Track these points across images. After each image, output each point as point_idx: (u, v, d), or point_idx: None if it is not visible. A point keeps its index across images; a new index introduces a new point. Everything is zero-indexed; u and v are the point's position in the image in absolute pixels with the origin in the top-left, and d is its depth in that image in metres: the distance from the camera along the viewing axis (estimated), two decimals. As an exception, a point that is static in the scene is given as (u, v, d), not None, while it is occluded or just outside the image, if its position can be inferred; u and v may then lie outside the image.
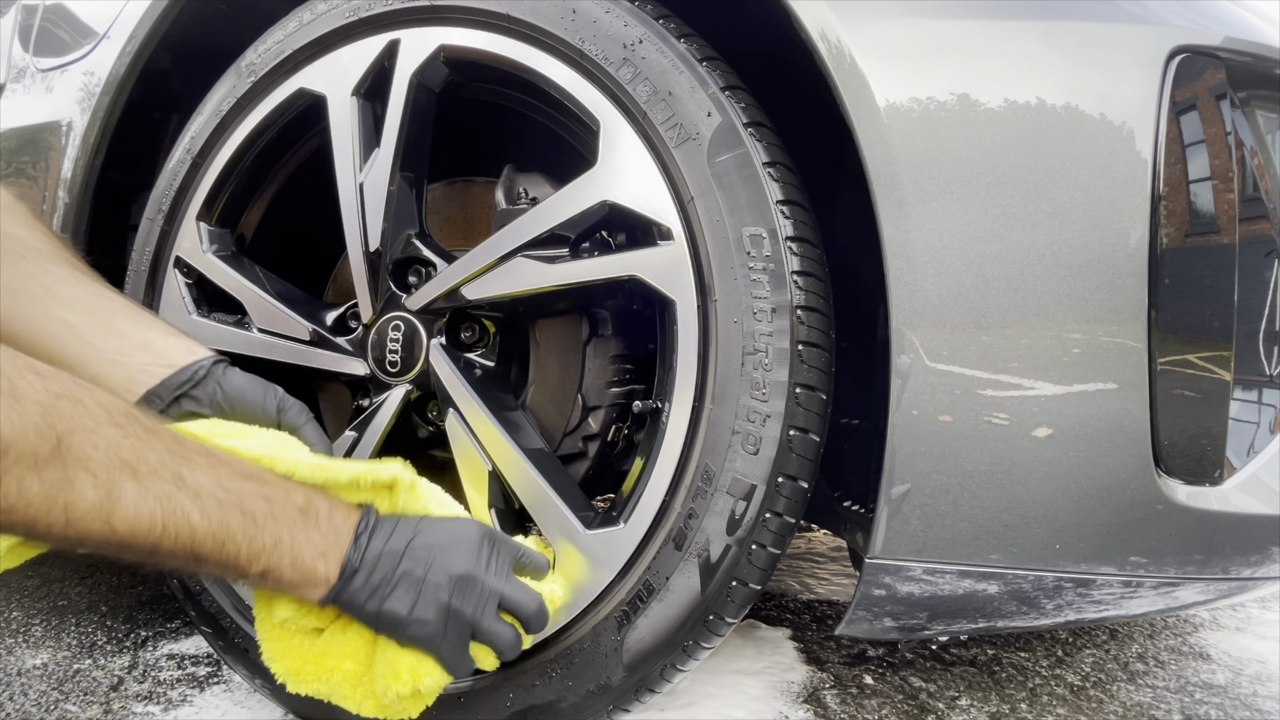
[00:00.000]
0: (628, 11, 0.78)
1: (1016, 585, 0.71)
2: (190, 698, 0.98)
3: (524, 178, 0.94)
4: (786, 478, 0.71)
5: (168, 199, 0.99)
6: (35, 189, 1.12)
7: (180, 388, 0.73)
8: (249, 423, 0.75)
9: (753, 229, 0.72)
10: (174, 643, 1.16)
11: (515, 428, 0.84)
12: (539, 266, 0.80)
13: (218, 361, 0.77)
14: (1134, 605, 0.76)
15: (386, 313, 0.89)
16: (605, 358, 0.92)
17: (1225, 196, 0.69)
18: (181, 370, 0.74)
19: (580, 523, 0.77)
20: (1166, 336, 0.68)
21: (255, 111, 0.96)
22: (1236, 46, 0.70)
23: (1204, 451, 0.70)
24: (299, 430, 0.76)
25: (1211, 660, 1.23)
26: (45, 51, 1.18)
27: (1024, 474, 0.68)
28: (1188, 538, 0.70)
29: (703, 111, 0.74)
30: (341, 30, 0.90)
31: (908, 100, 0.69)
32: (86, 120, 1.07)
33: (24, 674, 1.03)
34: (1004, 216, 0.67)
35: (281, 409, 0.76)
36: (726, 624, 0.75)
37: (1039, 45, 0.68)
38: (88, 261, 0.79)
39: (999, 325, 0.68)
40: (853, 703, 1.01)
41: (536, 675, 0.78)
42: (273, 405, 0.76)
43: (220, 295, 0.98)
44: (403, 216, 0.89)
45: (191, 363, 0.75)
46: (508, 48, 0.82)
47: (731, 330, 0.72)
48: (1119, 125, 0.67)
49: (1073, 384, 0.67)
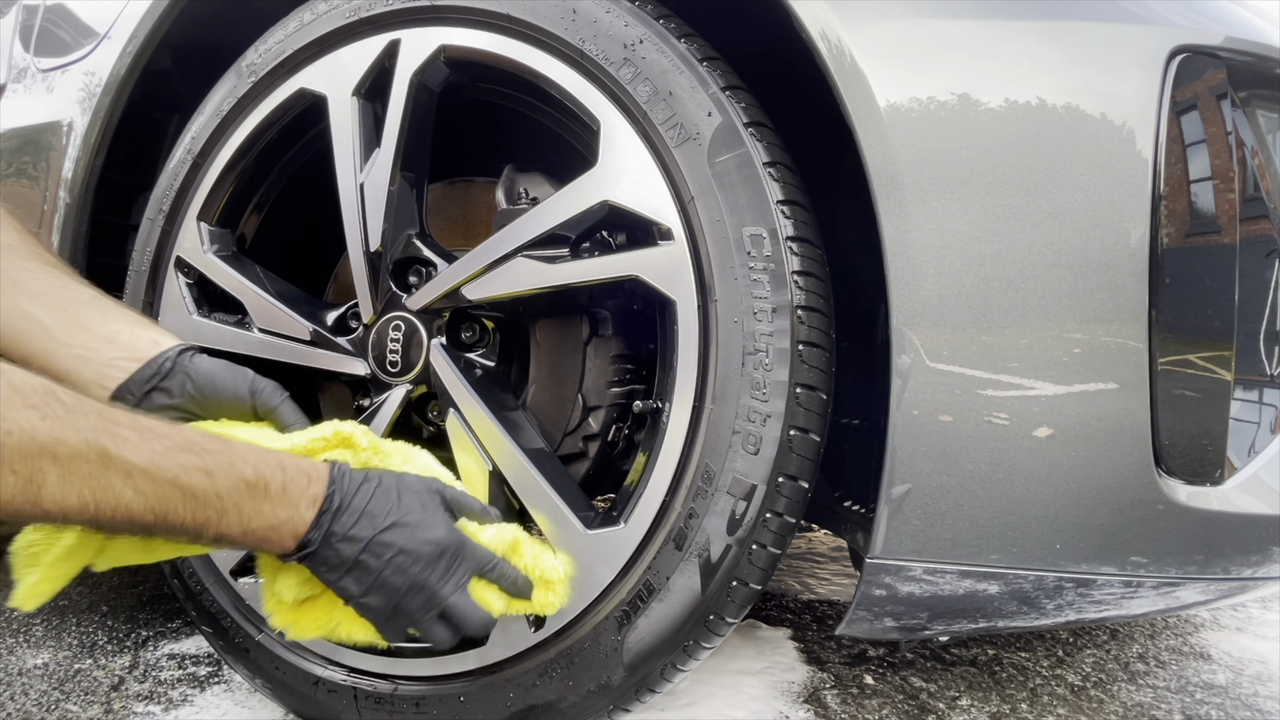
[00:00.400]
0: (628, 11, 0.78)
1: (1017, 585, 0.71)
2: (191, 697, 0.98)
3: (524, 178, 0.94)
4: (787, 477, 0.71)
5: (168, 199, 0.99)
6: (36, 189, 1.12)
7: (149, 381, 0.72)
8: (224, 408, 0.73)
9: (753, 229, 0.72)
10: (175, 642, 1.16)
11: (516, 427, 0.84)
12: (539, 266, 0.80)
13: (185, 350, 0.75)
14: (1135, 605, 0.76)
15: (387, 313, 0.89)
16: (606, 358, 0.92)
17: (1226, 196, 0.69)
18: (148, 364, 0.72)
19: (581, 523, 0.77)
20: (1167, 336, 0.68)
21: (256, 112, 0.96)
22: (1237, 46, 0.70)
23: (1205, 451, 0.70)
24: (275, 410, 0.74)
25: (1212, 660, 1.23)
26: (46, 52, 1.18)
27: (1024, 474, 0.68)
28: (1188, 538, 0.70)
29: (703, 111, 0.74)
30: (342, 30, 0.90)
31: (908, 100, 0.69)
32: (87, 120, 1.07)
33: (25, 674, 1.03)
34: (1004, 216, 0.67)
35: (255, 390, 0.74)
36: (727, 624, 0.75)
37: (1039, 45, 0.68)
38: (90, 262, 0.79)
39: (999, 325, 0.68)
40: (853, 703, 1.01)
41: (537, 675, 0.78)
42: (245, 388, 0.74)
43: (221, 295, 0.98)
44: (403, 216, 0.89)
45: (157, 355, 0.73)
46: (508, 48, 0.82)
47: (732, 330, 0.72)
48: (1119, 125, 0.67)
49: (1073, 384, 0.67)
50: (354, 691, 0.86)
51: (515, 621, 0.80)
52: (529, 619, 0.79)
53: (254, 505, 0.59)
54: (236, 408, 0.74)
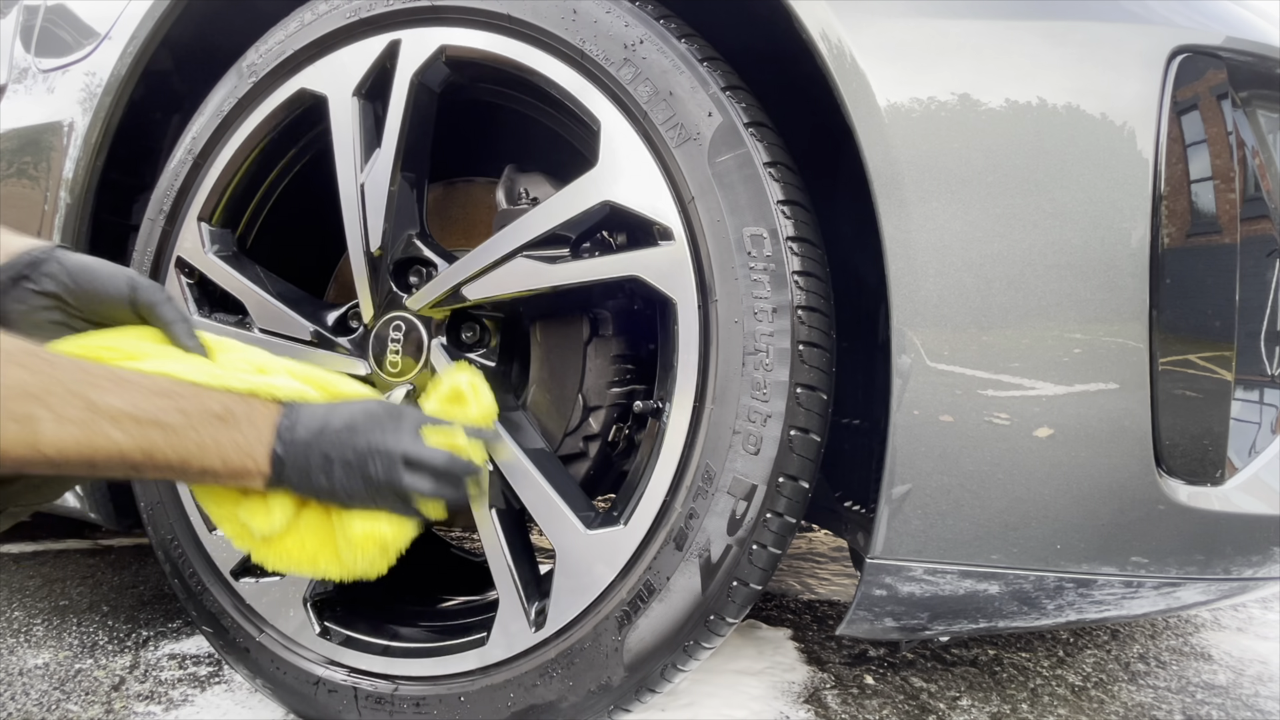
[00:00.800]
0: (628, 12, 0.78)
1: (1017, 585, 0.71)
2: (191, 697, 0.98)
3: (525, 178, 0.94)
4: (787, 478, 0.71)
5: (169, 199, 0.99)
6: (37, 189, 1.12)
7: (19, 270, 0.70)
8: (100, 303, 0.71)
9: (753, 229, 0.72)
10: (175, 642, 1.16)
11: (516, 427, 0.84)
12: (540, 266, 0.80)
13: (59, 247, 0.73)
14: (1135, 605, 0.76)
15: (387, 313, 0.89)
16: (606, 358, 0.92)
17: (1226, 196, 0.69)
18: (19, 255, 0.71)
19: (581, 523, 0.77)
20: (1168, 336, 0.68)
21: (256, 112, 0.96)
22: (1238, 46, 0.69)
23: (1205, 452, 0.70)
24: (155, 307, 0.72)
25: (1213, 661, 1.23)
26: (47, 52, 1.18)
27: (1025, 474, 0.68)
28: (1189, 538, 0.70)
29: (703, 111, 0.74)
30: (343, 31, 0.90)
31: (908, 100, 0.69)
32: (88, 121, 1.07)
33: (26, 674, 1.03)
34: (1005, 216, 0.67)
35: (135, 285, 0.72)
36: (727, 624, 0.75)
37: (1039, 45, 0.68)
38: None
39: (1000, 325, 0.67)
40: (854, 703, 1.01)
41: (537, 675, 0.78)
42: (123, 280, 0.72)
43: (222, 296, 0.98)
44: (404, 217, 0.89)
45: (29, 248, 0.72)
46: (508, 48, 0.82)
47: (732, 330, 0.72)
48: (1120, 125, 0.67)
49: (1074, 384, 0.67)
50: (354, 691, 0.86)
51: (516, 621, 0.80)
52: (530, 619, 0.79)
53: (228, 435, 0.64)
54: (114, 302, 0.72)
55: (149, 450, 0.60)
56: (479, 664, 0.81)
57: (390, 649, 0.88)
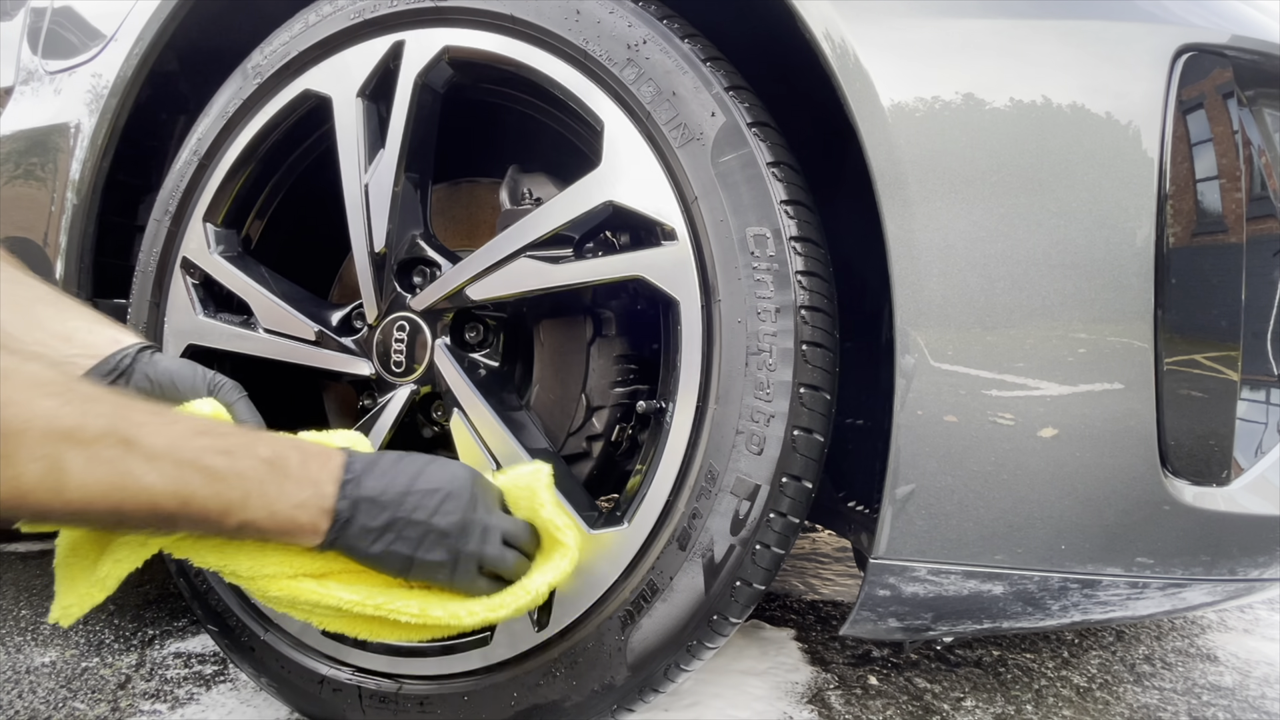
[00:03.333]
0: (631, 12, 0.78)
1: (1022, 586, 0.71)
2: (197, 696, 0.99)
3: (528, 178, 0.94)
4: (791, 478, 0.71)
5: (174, 200, 1.00)
6: (44, 190, 1.13)
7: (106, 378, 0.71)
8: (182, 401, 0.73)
9: (757, 229, 0.72)
10: (181, 641, 1.17)
11: (519, 428, 0.84)
12: (543, 267, 0.80)
13: (145, 348, 0.75)
14: (1140, 606, 0.75)
15: (391, 313, 0.89)
16: (609, 358, 0.93)
17: (1232, 195, 0.69)
18: (106, 360, 0.71)
19: (584, 523, 0.77)
20: (1173, 336, 0.67)
21: (261, 113, 0.96)
22: (1244, 45, 0.69)
23: (1211, 452, 0.70)
24: (232, 407, 0.74)
25: (1219, 662, 1.22)
26: (53, 54, 1.19)
27: (1029, 474, 0.68)
28: (1194, 539, 0.70)
29: (706, 112, 0.74)
30: (347, 32, 0.91)
31: (912, 99, 0.68)
32: (94, 122, 1.08)
33: (32, 672, 1.04)
34: (1009, 216, 0.67)
35: (214, 387, 0.74)
36: (731, 624, 0.75)
37: (1043, 44, 0.68)
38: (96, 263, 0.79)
39: (1004, 325, 0.67)
40: (857, 703, 1.01)
41: (541, 674, 0.79)
42: (203, 384, 0.74)
43: (227, 296, 0.98)
44: (408, 217, 0.89)
45: (116, 351, 0.72)
46: (512, 49, 0.82)
47: (735, 330, 0.72)
48: (1125, 124, 0.67)
49: (1078, 384, 0.67)
50: (359, 690, 0.87)
51: (519, 621, 0.80)
52: (533, 618, 0.79)
53: (276, 485, 0.58)
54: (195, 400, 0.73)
55: (186, 498, 0.54)
56: (483, 663, 0.81)
57: (394, 648, 0.88)
